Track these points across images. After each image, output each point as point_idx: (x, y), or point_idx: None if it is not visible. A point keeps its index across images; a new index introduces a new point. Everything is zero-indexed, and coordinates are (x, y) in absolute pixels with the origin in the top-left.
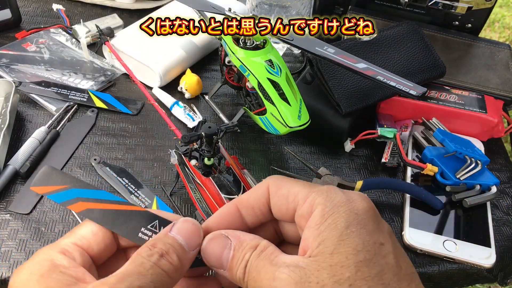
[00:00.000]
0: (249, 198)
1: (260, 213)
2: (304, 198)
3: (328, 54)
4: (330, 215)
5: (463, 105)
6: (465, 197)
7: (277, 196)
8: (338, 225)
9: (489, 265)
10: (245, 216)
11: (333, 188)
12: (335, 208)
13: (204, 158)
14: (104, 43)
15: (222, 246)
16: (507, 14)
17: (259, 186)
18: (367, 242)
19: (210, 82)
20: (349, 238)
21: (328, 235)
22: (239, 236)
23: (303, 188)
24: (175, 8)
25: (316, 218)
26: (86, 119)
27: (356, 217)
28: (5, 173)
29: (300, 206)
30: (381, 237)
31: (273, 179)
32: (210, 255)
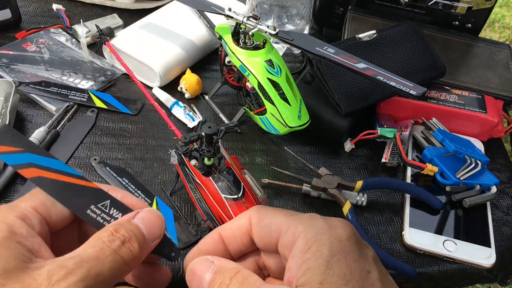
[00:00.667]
0: (231, 227)
1: (241, 243)
2: (286, 228)
3: (328, 54)
4: (313, 243)
5: (463, 105)
6: (465, 197)
7: (259, 227)
8: (323, 253)
9: (489, 265)
10: (228, 245)
11: (314, 215)
12: (317, 235)
13: (204, 158)
14: (104, 43)
15: (205, 268)
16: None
17: (241, 216)
18: (354, 270)
19: (210, 82)
20: (336, 267)
21: (314, 264)
22: (222, 261)
23: (284, 218)
24: (175, 8)
25: (299, 247)
26: (86, 119)
27: (339, 244)
28: (5, 173)
29: (282, 235)
30: (366, 264)
31: (254, 210)
32: (194, 277)
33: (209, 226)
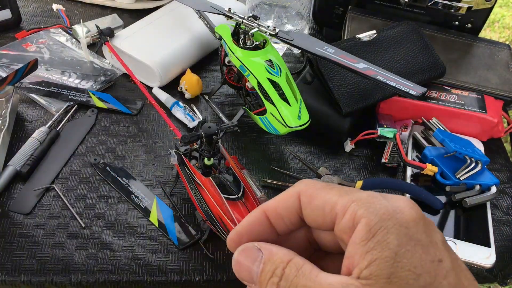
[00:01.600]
0: (277, 207)
1: (289, 222)
2: (342, 210)
3: (328, 54)
4: (378, 230)
5: (463, 105)
6: (465, 197)
7: (311, 208)
8: (389, 242)
9: (489, 265)
10: (274, 224)
11: (373, 195)
12: (382, 221)
13: (204, 158)
14: (104, 43)
15: (253, 258)
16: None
17: (288, 196)
18: (424, 261)
19: (210, 82)
20: (405, 259)
21: (380, 255)
22: (271, 249)
23: (340, 198)
24: (175, 8)
25: (361, 234)
26: (86, 119)
27: (407, 232)
28: (5, 173)
29: (339, 219)
30: (438, 252)
31: (304, 188)
32: (241, 267)
33: (209, 226)
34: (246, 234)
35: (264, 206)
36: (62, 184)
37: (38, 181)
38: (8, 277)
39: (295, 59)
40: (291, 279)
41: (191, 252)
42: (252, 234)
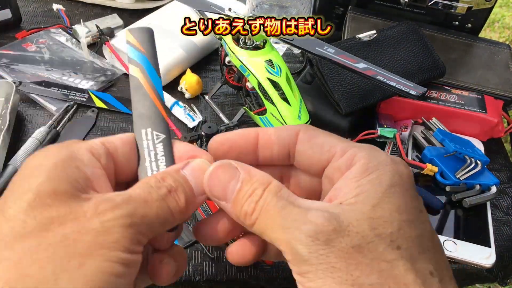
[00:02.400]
0: (272, 134)
1: (276, 153)
2: (342, 151)
3: (328, 54)
4: (374, 171)
5: (463, 105)
6: (465, 197)
7: (309, 144)
8: (382, 181)
9: (489, 265)
10: (260, 150)
11: (374, 147)
12: (380, 165)
13: None
14: (104, 43)
15: (229, 176)
16: (507, 14)
17: (288, 128)
18: (409, 205)
19: (210, 82)
20: (393, 197)
21: (370, 188)
22: (249, 170)
23: (341, 142)
24: (175, 8)
25: (357, 171)
26: (86, 119)
27: (400, 179)
28: (6, 173)
29: (337, 158)
30: (420, 205)
31: (305, 127)
32: (215, 183)
33: None
34: (229, 145)
35: (259, 128)
36: None
37: None
38: None
39: (295, 59)
40: (269, 199)
41: (191, 252)
42: (234, 147)
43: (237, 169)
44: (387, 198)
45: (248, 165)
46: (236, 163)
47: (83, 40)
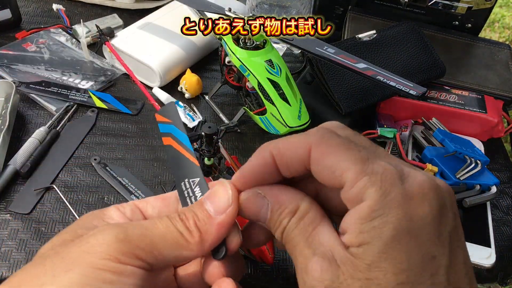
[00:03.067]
0: (284, 153)
1: (295, 171)
2: (353, 181)
3: (328, 54)
4: (378, 216)
5: (463, 105)
6: (465, 197)
7: (320, 166)
8: (383, 233)
9: (489, 265)
10: (280, 167)
11: (390, 173)
12: (386, 208)
13: (204, 158)
14: (104, 43)
15: (258, 205)
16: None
17: (299, 145)
18: (413, 259)
19: (210, 82)
20: (393, 253)
21: (370, 240)
22: (277, 196)
23: (353, 165)
24: (175, 8)
25: (361, 213)
26: (86, 119)
27: (408, 226)
28: (5, 173)
29: (347, 187)
30: (434, 248)
31: (316, 141)
32: (247, 212)
33: None
34: (250, 176)
35: (271, 146)
36: (62, 184)
37: (38, 181)
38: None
39: (295, 59)
40: (293, 230)
41: None
42: (256, 177)
43: (265, 198)
44: (384, 255)
45: (276, 189)
46: (263, 190)
47: (83, 40)
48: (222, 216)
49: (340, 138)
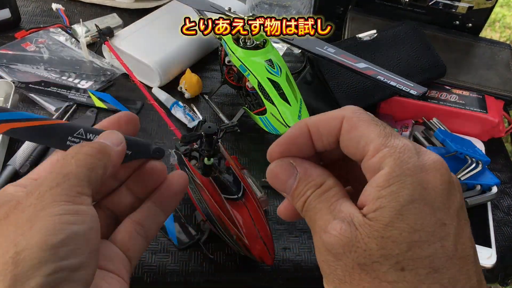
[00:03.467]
0: (319, 125)
1: (327, 142)
2: (374, 150)
3: (328, 54)
4: (395, 182)
5: (464, 105)
6: (466, 197)
7: (348, 136)
8: (400, 196)
9: (489, 265)
10: (314, 141)
11: (408, 147)
12: (402, 176)
13: (204, 158)
14: (103, 43)
15: (288, 174)
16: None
17: (333, 117)
18: (427, 221)
19: (210, 82)
20: (408, 214)
21: (387, 204)
22: (306, 169)
23: (377, 137)
24: (174, 7)
25: (380, 180)
26: (86, 119)
27: (422, 192)
28: (5, 173)
29: (368, 157)
30: (445, 216)
31: (349, 113)
32: (276, 179)
33: (209, 226)
34: (287, 146)
35: (307, 120)
36: None
37: None
38: None
39: (295, 59)
40: (314, 200)
41: (191, 253)
42: (292, 147)
43: (295, 168)
44: (401, 216)
45: (307, 163)
46: (295, 160)
47: (83, 39)
48: (119, 147)
49: (370, 116)
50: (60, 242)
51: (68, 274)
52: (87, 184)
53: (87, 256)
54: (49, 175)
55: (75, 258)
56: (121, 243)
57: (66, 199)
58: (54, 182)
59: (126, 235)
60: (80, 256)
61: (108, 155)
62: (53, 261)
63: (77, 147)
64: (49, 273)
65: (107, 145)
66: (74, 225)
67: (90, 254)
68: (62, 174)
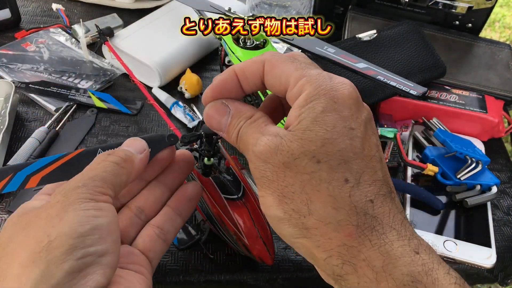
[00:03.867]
0: (244, 69)
1: (253, 84)
2: (295, 81)
3: (328, 54)
4: (312, 100)
5: (464, 105)
6: (466, 197)
7: (271, 75)
8: (316, 108)
9: (489, 265)
10: (241, 83)
11: (322, 75)
12: (317, 95)
13: (204, 158)
14: (104, 43)
15: (221, 112)
16: (507, 14)
17: (255, 61)
18: (337, 125)
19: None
20: (322, 120)
21: (306, 116)
22: (237, 106)
23: (295, 71)
24: (174, 7)
25: (300, 101)
26: (86, 119)
27: (333, 104)
28: None
29: (290, 88)
30: (353, 123)
31: (269, 57)
32: (212, 119)
33: (209, 226)
34: (219, 89)
35: (234, 66)
36: None
37: None
38: None
39: None
40: (247, 127)
41: (191, 252)
42: (223, 90)
43: (228, 106)
44: (316, 122)
45: (237, 102)
46: (227, 100)
47: (83, 39)
48: (142, 155)
49: (286, 56)
50: (87, 232)
51: (95, 259)
52: (111, 187)
53: (111, 244)
54: (76, 177)
55: (100, 245)
56: (142, 246)
57: (90, 197)
58: (80, 183)
59: (146, 238)
60: (104, 244)
61: (132, 162)
62: (82, 247)
63: (104, 155)
64: (78, 257)
65: (132, 154)
66: (98, 218)
67: (113, 243)
68: (89, 177)
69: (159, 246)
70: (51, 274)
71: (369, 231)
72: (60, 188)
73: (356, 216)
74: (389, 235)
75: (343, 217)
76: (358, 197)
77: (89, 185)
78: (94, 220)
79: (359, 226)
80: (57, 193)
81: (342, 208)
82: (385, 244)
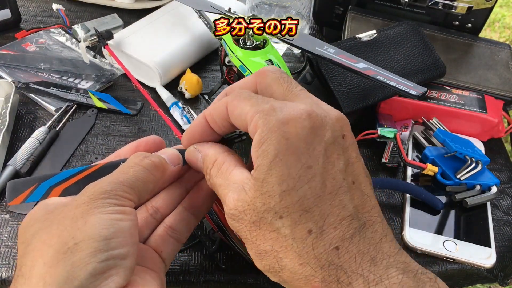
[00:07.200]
0: (213, 115)
1: (224, 127)
2: (250, 119)
3: (328, 54)
4: (264, 142)
5: (463, 105)
6: (466, 197)
7: (233, 116)
8: (269, 152)
9: (489, 265)
10: (212, 126)
11: (273, 107)
12: (268, 133)
13: None
14: (103, 47)
15: (195, 158)
16: (507, 14)
17: (220, 105)
18: (292, 169)
19: (210, 82)
20: (276, 167)
21: (261, 162)
22: (205, 150)
23: (251, 108)
24: (175, 7)
25: (255, 143)
26: (86, 119)
27: (286, 143)
28: (5, 173)
29: (249, 125)
30: (310, 159)
31: (230, 98)
32: (191, 164)
33: (220, 236)
34: (192, 135)
35: (205, 111)
36: None
37: None
38: (8, 277)
39: (295, 59)
40: (214, 177)
41: (191, 253)
42: (196, 135)
43: (199, 151)
44: (270, 171)
45: (207, 144)
46: (197, 146)
47: (82, 44)
48: (174, 167)
49: (247, 93)
50: (111, 235)
51: (117, 261)
52: (137, 193)
53: (131, 247)
54: (106, 178)
55: (123, 248)
56: (155, 245)
57: (115, 203)
58: (109, 187)
59: (159, 238)
60: (126, 247)
61: (163, 172)
62: (106, 250)
63: (139, 157)
64: (102, 260)
65: (166, 163)
66: (121, 221)
67: (133, 246)
68: (119, 181)
69: (172, 246)
70: (75, 275)
71: (334, 284)
72: (88, 188)
73: (320, 270)
74: (354, 284)
75: (309, 273)
76: (322, 248)
77: (117, 190)
78: (117, 224)
79: (324, 280)
80: (85, 193)
81: (307, 263)
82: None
